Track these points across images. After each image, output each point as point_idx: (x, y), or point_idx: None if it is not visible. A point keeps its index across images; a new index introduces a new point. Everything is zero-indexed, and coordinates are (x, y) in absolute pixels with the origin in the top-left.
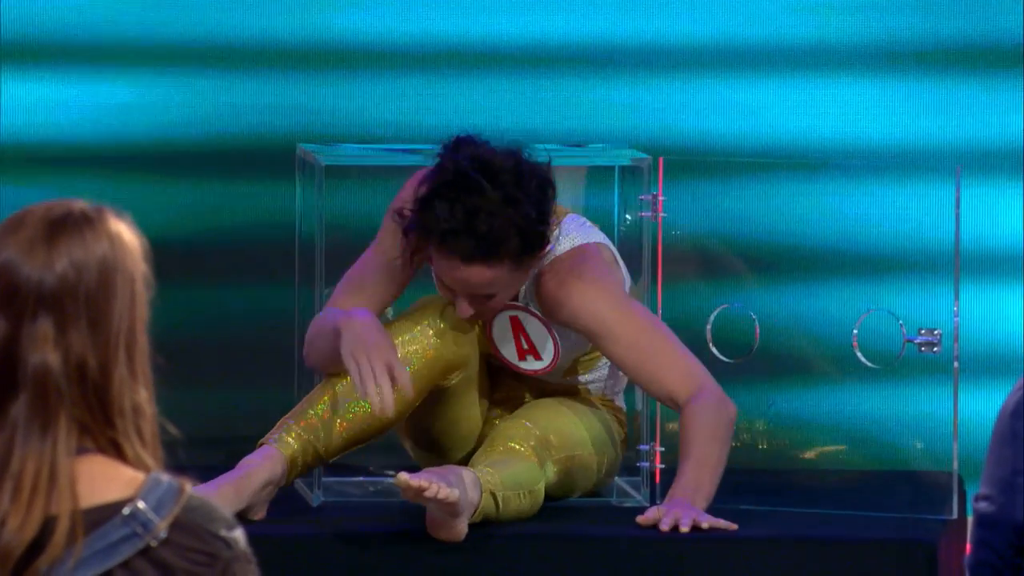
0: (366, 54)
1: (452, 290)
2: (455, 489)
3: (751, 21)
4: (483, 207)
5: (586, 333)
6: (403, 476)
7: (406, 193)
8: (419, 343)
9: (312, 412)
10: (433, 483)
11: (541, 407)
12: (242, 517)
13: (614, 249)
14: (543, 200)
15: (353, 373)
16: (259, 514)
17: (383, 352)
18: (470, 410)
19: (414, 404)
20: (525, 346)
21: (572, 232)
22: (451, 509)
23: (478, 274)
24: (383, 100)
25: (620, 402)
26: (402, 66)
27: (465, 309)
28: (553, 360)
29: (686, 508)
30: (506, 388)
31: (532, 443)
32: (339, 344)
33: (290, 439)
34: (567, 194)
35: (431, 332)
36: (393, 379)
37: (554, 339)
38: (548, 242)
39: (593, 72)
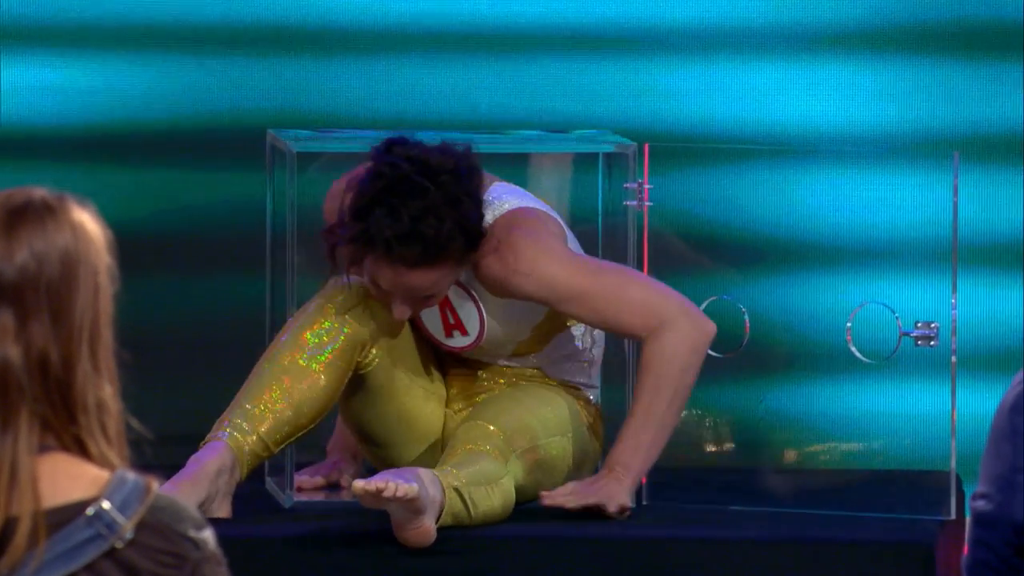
0: (340, 37)
1: (388, 292)
2: (413, 484)
3: (741, 3)
4: (428, 210)
5: (538, 301)
6: (358, 483)
7: (331, 206)
8: (330, 332)
9: (249, 405)
10: (389, 482)
11: (496, 402)
12: (205, 512)
13: (547, 209)
14: (479, 193)
15: None
16: (222, 508)
17: None
18: (420, 404)
19: (335, 388)
20: (452, 321)
21: (499, 199)
22: (412, 506)
23: (421, 277)
24: (357, 85)
25: (590, 384)
26: (377, 49)
27: (403, 311)
28: (479, 335)
29: (612, 487)
30: (461, 380)
31: (493, 441)
32: None
33: (229, 430)
34: (549, 182)
35: (339, 316)
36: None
37: (480, 314)
38: (486, 234)
39: (575, 56)
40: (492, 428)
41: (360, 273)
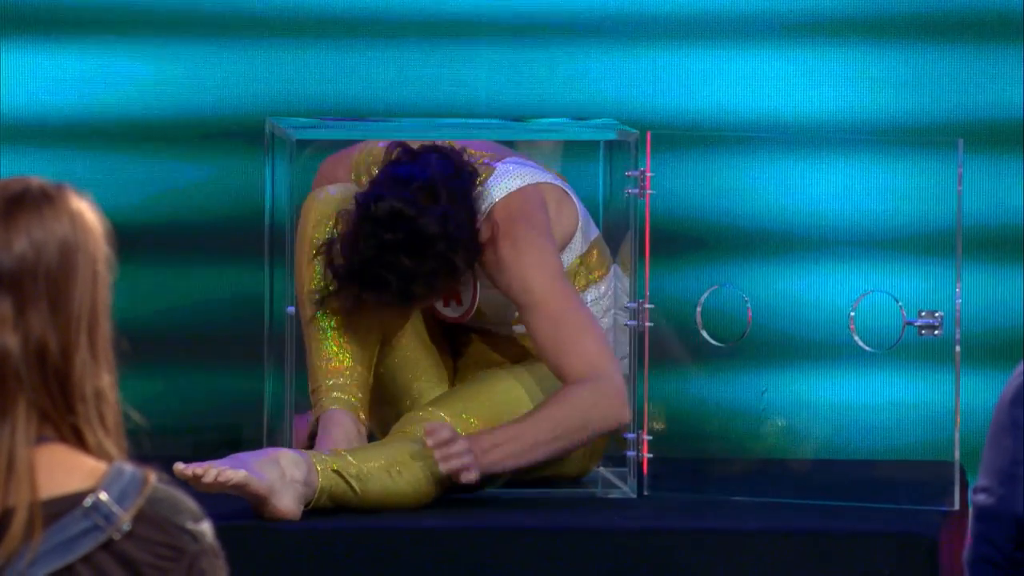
0: (339, 24)
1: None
2: (240, 470)
3: None
4: (419, 276)
5: (507, 296)
6: (178, 466)
7: (320, 180)
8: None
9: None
10: (210, 468)
11: (456, 390)
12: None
13: (562, 184)
14: (473, 207)
15: None
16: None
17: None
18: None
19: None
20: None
21: (506, 176)
22: (244, 492)
23: (422, 305)
24: (356, 72)
25: None
26: (378, 36)
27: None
28: (470, 306)
29: (468, 455)
30: (475, 347)
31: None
32: None
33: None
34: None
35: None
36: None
37: (474, 285)
38: (481, 241)
39: (577, 42)
40: (442, 414)
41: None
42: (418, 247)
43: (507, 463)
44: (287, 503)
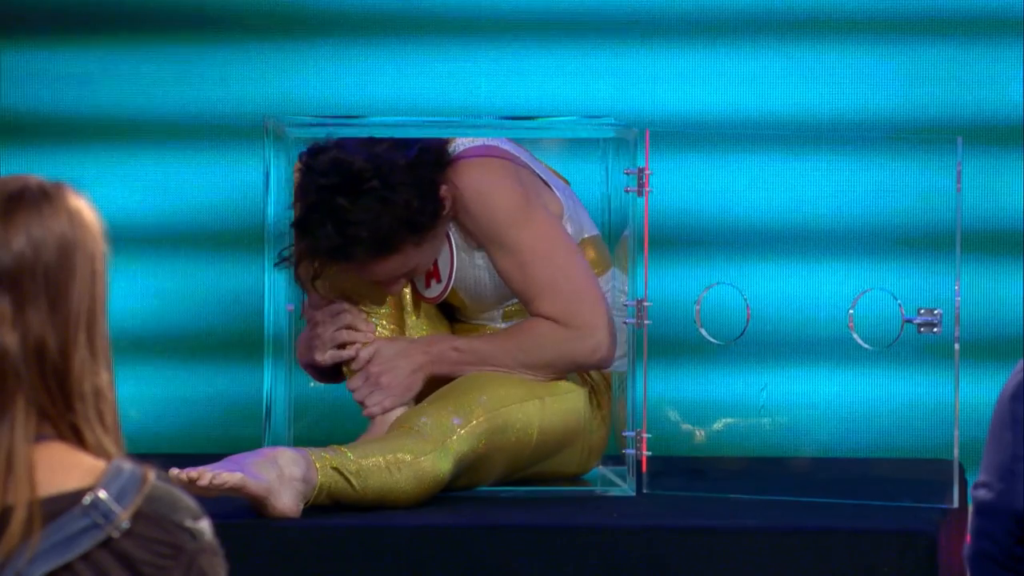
0: (338, 23)
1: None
2: (236, 472)
3: None
4: (356, 219)
5: (476, 233)
6: (173, 471)
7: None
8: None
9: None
10: (205, 471)
11: (450, 388)
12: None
13: (546, 177)
14: (425, 170)
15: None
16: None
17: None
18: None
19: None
20: (431, 268)
21: (481, 142)
22: (241, 493)
23: (384, 266)
24: (355, 70)
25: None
26: (376, 34)
27: (395, 288)
28: (447, 282)
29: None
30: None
31: (428, 422)
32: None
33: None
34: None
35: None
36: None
37: (451, 259)
38: (444, 205)
39: (576, 40)
40: (450, 408)
41: (324, 286)
42: (351, 187)
43: (462, 372)
44: (285, 502)
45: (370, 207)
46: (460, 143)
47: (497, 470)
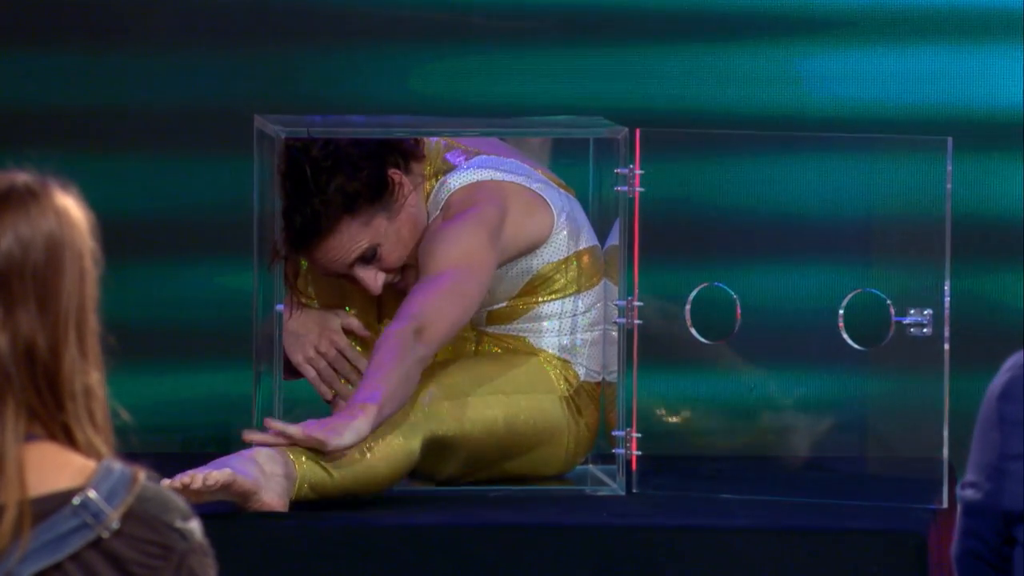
0: (327, 22)
1: (347, 276)
2: (225, 469)
3: None
4: (290, 203)
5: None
6: (164, 482)
7: None
8: None
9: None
10: (196, 474)
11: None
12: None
13: (541, 191)
14: (366, 151)
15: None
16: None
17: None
18: None
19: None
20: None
21: (467, 171)
22: (232, 491)
23: (332, 247)
24: (344, 70)
25: (575, 356)
26: (365, 34)
27: (371, 284)
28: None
29: (339, 424)
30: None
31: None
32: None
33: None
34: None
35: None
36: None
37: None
38: (393, 180)
39: (566, 40)
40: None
41: (305, 287)
42: (297, 175)
43: (382, 417)
44: (272, 497)
45: (301, 189)
46: (451, 178)
47: (462, 458)
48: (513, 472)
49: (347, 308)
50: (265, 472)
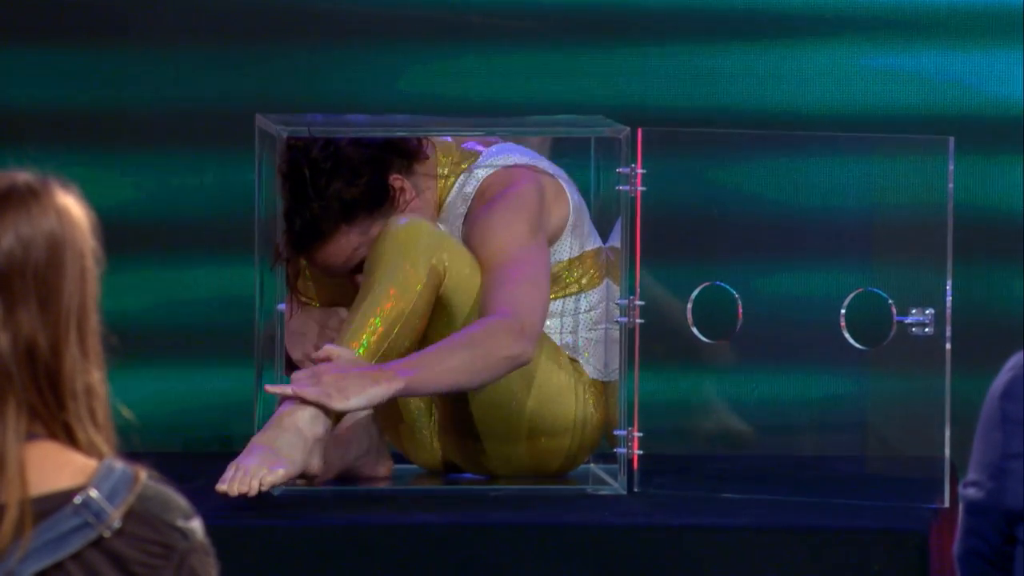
0: (329, 21)
1: (348, 279)
2: (277, 471)
3: None
4: (288, 207)
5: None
6: (220, 487)
7: None
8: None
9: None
10: (252, 481)
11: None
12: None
13: (564, 183)
14: (367, 155)
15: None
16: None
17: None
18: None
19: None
20: None
21: (498, 156)
22: (287, 484)
23: (331, 253)
24: (346, 69)
25: (578, 351)
26: (366, 33)
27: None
28: None
29: (352, 383)
30: None
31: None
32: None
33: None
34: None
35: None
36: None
37: None
38: (394, 187)
39: (567, 39)
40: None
41: (305, 288)
42: (297, 178)
43: (417, 388)
44: (316, 464)
45: (299, 192)
46: (480, 164)
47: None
48: (516, 463)
49: (348, 307)
50: (307, 441)
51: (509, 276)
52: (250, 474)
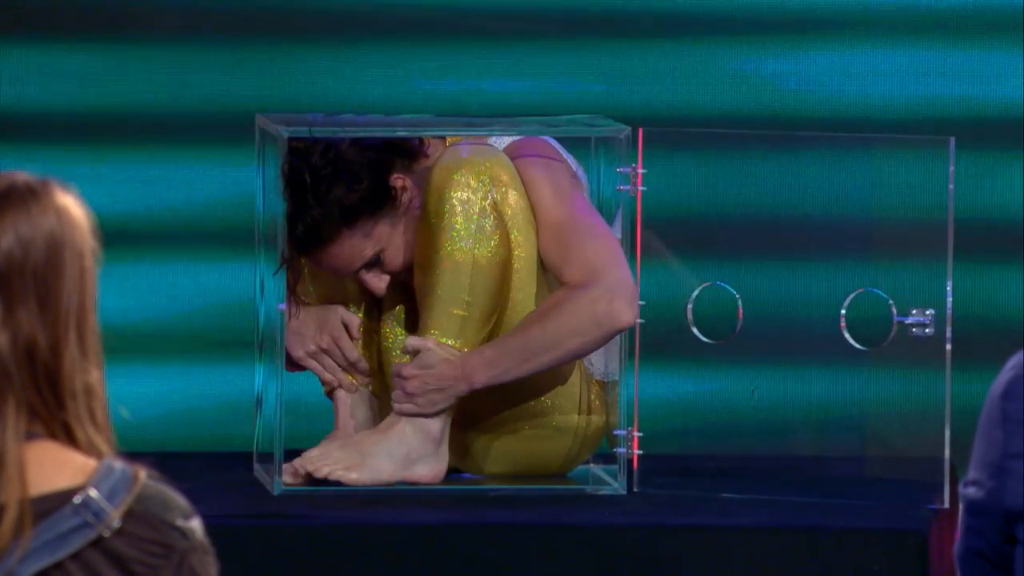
0: (330, 21)
1: (355, 278)
2: (351, 472)
3: None
4: (288, 209)
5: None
6: (297, 461)
7: None
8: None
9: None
10: (330, 475)
11: None
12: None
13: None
14: (368, 158)
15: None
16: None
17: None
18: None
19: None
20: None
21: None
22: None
23: (335, 256)
24: (347, 69)
25: (590, 364)
26: (367, 33)
27: (376, 287)
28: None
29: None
30: None
31: None
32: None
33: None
34: None
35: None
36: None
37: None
38: (396, 187)
39: (568, 38)
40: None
41: (303, 291)
42: (297, 182)
43: (500, 380)
44: (419, 472)
45: (300, 197)
46: (496, 141)
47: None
48: (517, 463)
49: (349, 307)
50: (410, 455)
51: (572, 238)
52: (331, 460)
